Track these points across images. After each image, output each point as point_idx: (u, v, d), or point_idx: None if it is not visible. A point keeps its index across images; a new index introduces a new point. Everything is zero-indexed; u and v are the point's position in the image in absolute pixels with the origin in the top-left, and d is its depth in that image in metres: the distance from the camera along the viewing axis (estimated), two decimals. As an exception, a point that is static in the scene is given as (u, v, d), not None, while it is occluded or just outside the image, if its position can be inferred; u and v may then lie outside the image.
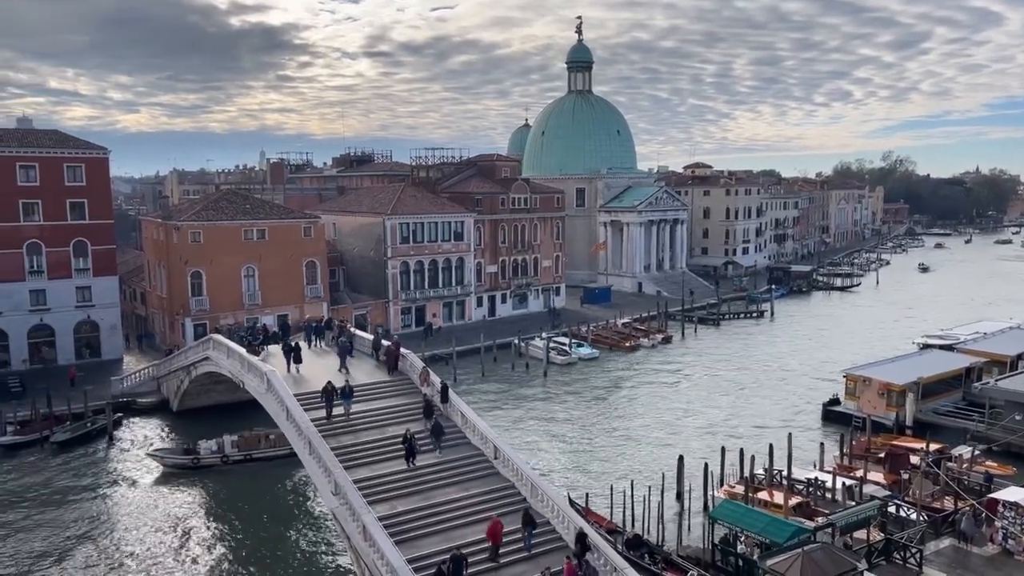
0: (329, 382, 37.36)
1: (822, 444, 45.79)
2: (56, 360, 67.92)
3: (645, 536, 36.07)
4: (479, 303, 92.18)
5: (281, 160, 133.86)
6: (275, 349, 47.13)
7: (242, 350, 45.24)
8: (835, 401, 57.55)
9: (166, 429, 56.28)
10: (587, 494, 40.12)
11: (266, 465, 47.69)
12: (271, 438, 48.65)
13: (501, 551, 27.89)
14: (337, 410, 37.11)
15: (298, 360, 43.51)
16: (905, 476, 40.87)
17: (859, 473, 41.10)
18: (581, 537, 27.28)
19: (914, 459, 42.22)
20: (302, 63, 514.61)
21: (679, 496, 40.71)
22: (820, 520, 33.64)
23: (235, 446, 48.51)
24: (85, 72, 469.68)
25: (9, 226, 65.61)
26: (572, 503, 37.65)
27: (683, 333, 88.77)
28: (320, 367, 44.58)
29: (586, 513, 37.09)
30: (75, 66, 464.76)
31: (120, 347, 72.29)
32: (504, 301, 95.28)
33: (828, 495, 38.80)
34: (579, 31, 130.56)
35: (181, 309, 70.12)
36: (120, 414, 57.11)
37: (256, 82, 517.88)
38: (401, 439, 33.80)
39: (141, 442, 53.36)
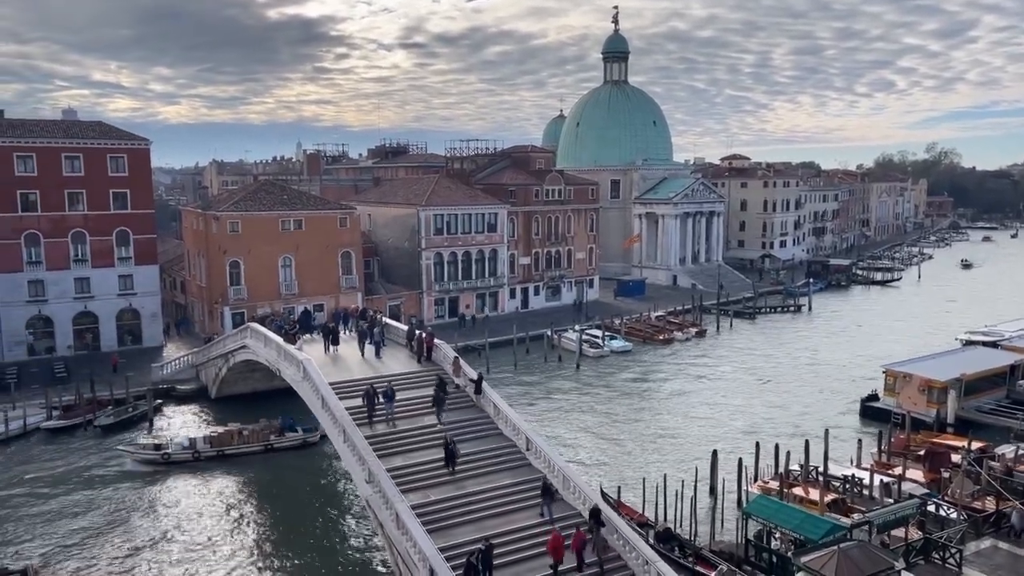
0: (371, 384, 36.68)
1: (860, 440, 45.05)
2: (99, 346, 69.64)
3: (677, 530, 35.92)
4: (512, 295, 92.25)
5: (318, 151, 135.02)
6: (310, 337, 47.89)
7: (279, 339, 45.87)
8: (874, 397, 56.58)
9: (204, 415, 57.35)
10: (619, 487, 40.01)
11: (239, 461, 47.29)
12: (244, 434, 48.85)
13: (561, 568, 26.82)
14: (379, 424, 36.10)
15: (335, 342, 46.56)
16: (945, 475, 40.05)
17: (898, 471, 40.38)
18: (595, 512, 28.08)
19: (955, 457, 41.35)
20: (339, 55, 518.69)
21: (712, 491, 40.40)
22: (857, 517, 33.13)
23: (208, 442, 48.06)
24: (127, 65, 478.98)
25: (56, 215, 67.32)
26: (604, 495, 37.64)
27: (718, 327, 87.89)
28: (353, 354, 45.17)
29: (618, 506, 37.02)
30: (118, 59, 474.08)
31: (160, 334, 73.84)
32: (537, 293, 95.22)
33: (865, 492, 38.18)
34: (615, 21, 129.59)
35: (220, 298, 71.32)
36: (160, 400, 58.35)
37: (293, 74, 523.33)
38: (442, 443, 33.06)
39: (181, 428, 54.46)
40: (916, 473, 40.55)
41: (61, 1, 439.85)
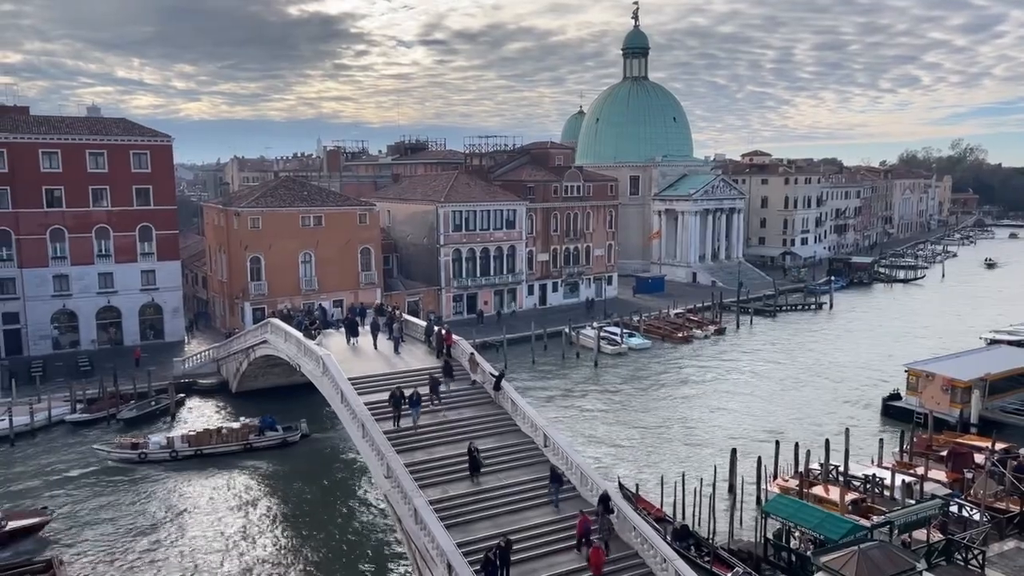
0: (398, 388, 35.94)
1: (881, 440, 44.62)
2: (122, 340, 70.51)
3: (695, 528, 35.78)
4: (530, 291, 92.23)
5: (338, 148, 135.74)
6: (332, 332, 48.25)
7: (299, 334, 46.17)
8: (896, 396, 55.99)
9: (225, 410, 57.89)
10: (636, 484, 39.91)
11: (217, 461, 46.82)
12: (223, 433, 48.45)
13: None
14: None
15: (355, 334, 47.87)
16: (968, 475, 39.60)
17: (920, 471, 39.99)
18: (604, 499, 28.40)
19: (978, 458, 40.88)
20: (358, 52, 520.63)
21: (731, 489, 40.19)
22: (878, 518, 32.81)
23: (185, 441, 47.69)
24: (150, 62, 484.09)
25: (80, 211, 68.22)
26: (621, 487, 37.56)
27: (738, 325, 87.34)
28: (371, 350, 45.42)
29: (636, 500, 36.93)
30: (141, 56, 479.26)
31: (182, 329, 74.60)
32: (555, 290, 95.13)
33: (886, 493, 37.85)
34: (635, 17, 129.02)
35: (241, 293, 71.93)
36: (182, 394, 58.97)
37: (314, 71, 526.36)
38: (466, 451, 32.32)
39: (203, 422, 54.99)
40: (938, 473, 40.11)
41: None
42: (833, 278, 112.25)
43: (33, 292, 67.04)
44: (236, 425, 49.89)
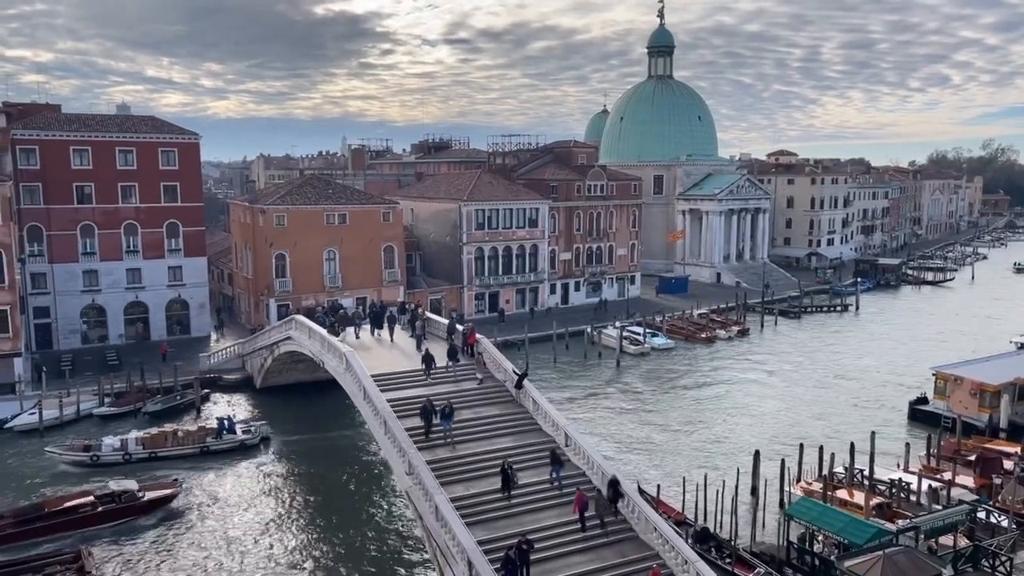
0: (428, 399, 35.41)
1: (907, 444, 43.99)
2: (149, 335, 71.49)
3: (717, 531, 35.54)
4: (552, 290, 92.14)
5: (362, 146, 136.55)
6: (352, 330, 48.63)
7: (323, 331, 46.50)
8: (923, 400, 55.21)
9: (250, 405, 58.47)
10: (658, 485, 39.73)
11: (171, 464, 45.78)
12: (179, 435, 47.73)
13: None
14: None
15: (379, 326, 49.12)
16: (997, 481, 38.95)
17: (947, 476, 39.42)
18: (614, 483, 29.47)
19: (1007, 463, 40.22)
20: (384, 50, 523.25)
21: (754, 491, 39.73)
22: (903, 523, 32.40)
23: (140, 443, 46.76)
24: (179, 61, 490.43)
25: (110, 207, 69.25)
26: (641, 491, 37.40)
27: (762, 326, 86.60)
28: (394, 347, 45.65)
29: (656, 503, 36.77)
30: (170, 55, 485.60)
31: (208, 325, 75.44)
32: (577, 289, 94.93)
33: (912, 497, 37.35)
34: (661, 15, 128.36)
35: (266, 290, 72.61)
36: (207, 389, 59.63)
37: (339, 70, 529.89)
38: (499, 467, 31.30)
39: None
40: (966, 479, 39.51)
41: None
42: (860, 279, 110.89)
43: (63, 287, 68.17)
44: (192, 427, 49.19)
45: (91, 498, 38.40)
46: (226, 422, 49.33)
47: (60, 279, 68.01)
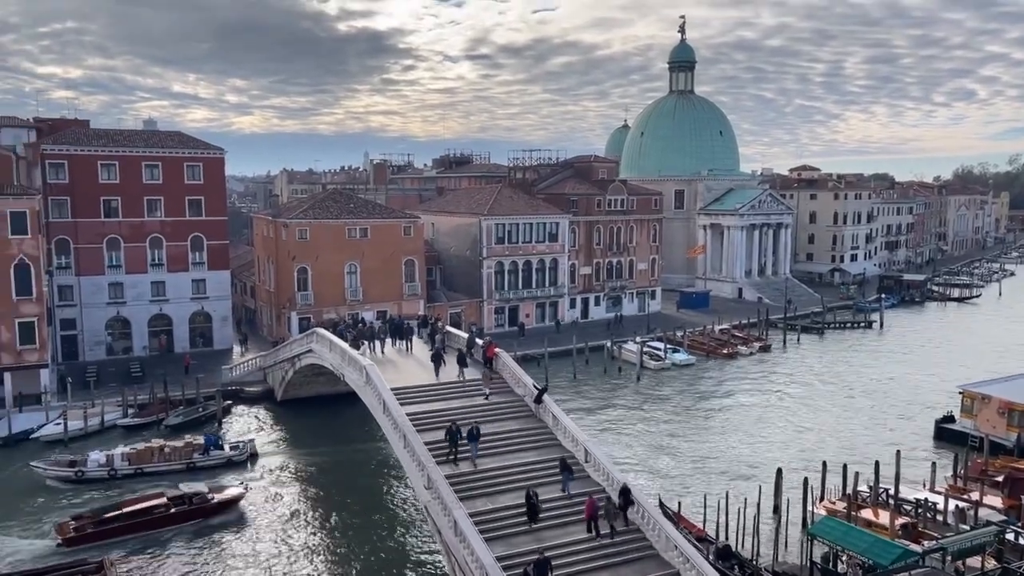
0: (453, 422, 34.88)
1: (934, 463, 43.28)
2: (173, 347, 72.21)
3: (739, 549, 35.10)
4: (572, 305, 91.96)
5: (384, 161, 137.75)
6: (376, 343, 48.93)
7: (344, 344, 46.71)
8: (949, 418, 54.30)
9: (270, 418, 58.78)
10: (679, 501, 39.37)
11: (158, 480, 45.05)
12: (165, 451, 47.20)
13: None
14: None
15: (400, 336, 50.20)
16: (1026, 502, 38.13)
17: (974, 496, 38.66)
18: (624, 491, 29.98)
19: (1037, 484, 39.33)
20: (406, 66, 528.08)
21: (776, 510, 39.37)
22: (929, 544, 31.81)
23: (126, 459, 46.24)
24: (205, 77, 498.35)
25: (136, 221, 70.26)
26: (662, 506, 37.10)
27: (784, 342, 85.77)
28: (414, 360, 45.72)
29: (677, 519, 36.41)
30: (196, 71, 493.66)
31: (230, 337, 76.09)
32: (597, 303, 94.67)
33: (939, 518, 36.66)
34: (682, 30, 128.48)
35: (288, 303, 73.15)
36: (229, 401, 60.03)
37: (362, 85, 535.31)
38: (522, 489, 30.96)
39: (247, 430, 55.95)
40: (994, 499, 38.73)
41: (146, 17, 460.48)
42: (884, 296, 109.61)
43: (89, 299, 69.14)
44: (179, 443, 48.47)
45: (164, 499, 39.84)
46: (213, 438, 49.01)
47: (86, 291, 69.01)
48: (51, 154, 67.16)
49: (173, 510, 39.28)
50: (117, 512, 38.63)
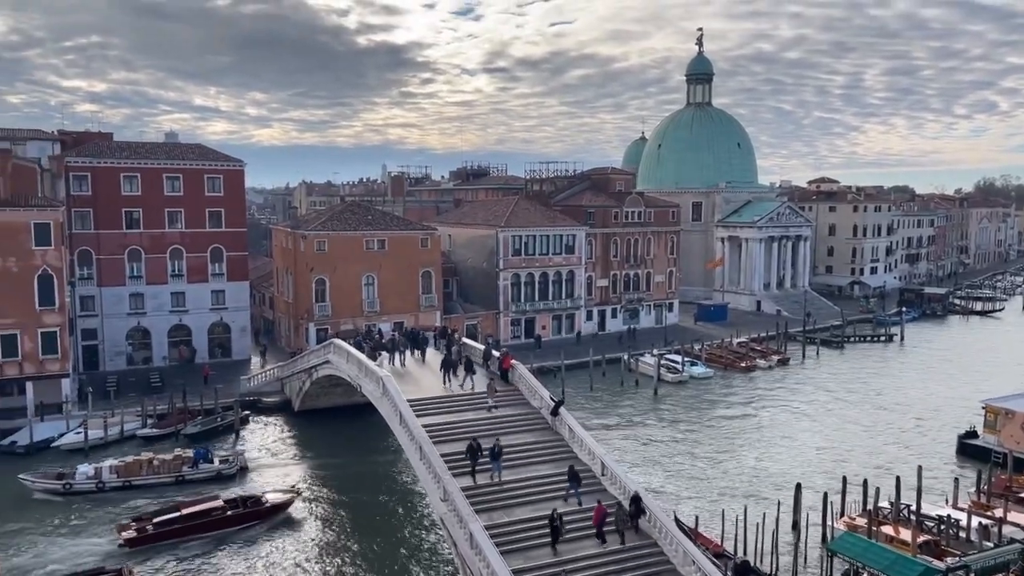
0: (474, 439, 34.43)
1: (956, 479, 42.64)
2: (193, 358, 72.75)
3: (757, 565, 34.71)
4: (588, 317, 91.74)
5: (402, 173, 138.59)
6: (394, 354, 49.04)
7: (361, 355, 46.83)
8: (972, 434, 53.51)
9: (287, 428, 58.98)
10: (696, 516, 39.02)
11: (147, 493, 44.72)
12: (154, 464, 46.67)
13: None
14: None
15: (418, 346, 50.29)
16: (1052, 519, 37.44)
17: (998, 513, 38.03)
18: (636, 499, 30.21)
19: (1063, 502, 38.64)
20: (424, 80, 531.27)
21: (795, 526, 38.92)
22: (952, 561, 31.31)
23: (114, 472, 45.66)
24: (225, 90, 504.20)
25: (156, 232, 71.08)
26: (678, 522, 36.76)
27: (803, 355, 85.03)
28: (431, 372, 45.74)
29: (694, 535, 36.05)
30: (217, 84, 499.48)
31: (249, 348, 76.60)
32: (614, 316, 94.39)
33: (961, 535, 36.08)
34: (699, 43, 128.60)
35: (306, 314, 73.57)
36: (247, 412, 60.34)
37: (380, 98, 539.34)
38: (547, 518, 29.86)
39: (265, 440, 56.18)
40: (1018, 516, 38.09)
41: (168, 31, 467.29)
42: (904, 309, 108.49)
43: (110, 310, 69.93)
44: (168, 456, 47.98)
45: (221, 502, 40.90)
46: (203, 451, 48.63)
47: (108, 302, 69.80)
48: (75, 166, 68.19)
49: (229, 513, 40.11)
50: (175, 514, 39.57)
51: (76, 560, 36.63)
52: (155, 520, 39.15)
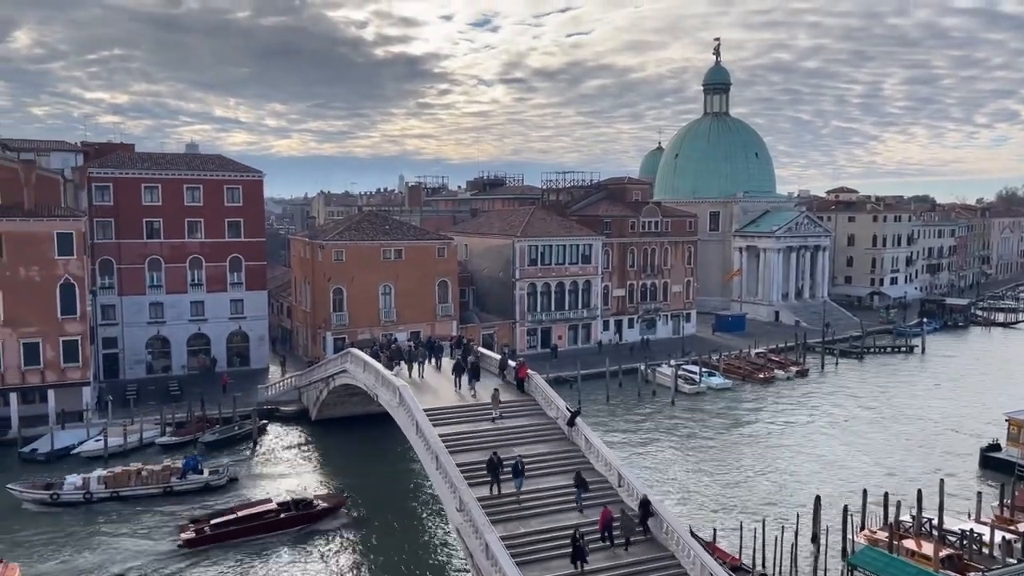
0: (494, 453, 34.11)
1: (979, 493, 42.00)
2: (213, 367, 73.27)
3: (776, 578, 34.34)
4: (605, 327, 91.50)
5: (419, 184, 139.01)
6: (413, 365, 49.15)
7: (378, 364, 46.94)
8: (995, 447, 52.72)
9: (305, 437, 59.19)
10: (714, 529, 38.69)
11: (135, 504, 44.34)
12: (143, 475, 46.27)
13: None
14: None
15: (436, 355, 50.70)
16: (1078, 535, 36.77)
17: (1021, 527, 37.44)
18: (644, 503, 30.25)
19: (1089, 517, 37.94)
20: (441, 90, 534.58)
21: (814, 539, 38.48)
22: (975, 576, 30.82)
23: (102, 482, 45.25)
24: (245, 101, 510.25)
25: (177, 242, 71.81)
26: (693, 535, 36.44)
27: (822, 366, 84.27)
28: (446, 382, 45.77)
29: (711, 548, 35.75)
30: (237, 96, 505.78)
31: (267, 357, 77.03)
32: (631, 326, 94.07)
33: (984, 550, 35.51)
34: (717, 53, 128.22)
35: (323, 323, 73.92)
36: (265, 421, 60.62)
37: (398, 109, 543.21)
38: (570, 537, 29.04)
39: (281, 449, 56.39)
40: (1044, 531, 37.41)
41: (189, 43, 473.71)
42: (925, 320, 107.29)
43: (131, 319, 70.65)
44: (157, 467, 47.53)
45: (274, 504, 41.91)
46: (192, 461, 48.23)
47: (128, 311, 70.52)
48: (97, 177, 69.10)
49: (282, 515, 40.92)
50: (231, 516, 40.58)
51: (134, 561, 37.51)
52: (212, 522, 40.13)
